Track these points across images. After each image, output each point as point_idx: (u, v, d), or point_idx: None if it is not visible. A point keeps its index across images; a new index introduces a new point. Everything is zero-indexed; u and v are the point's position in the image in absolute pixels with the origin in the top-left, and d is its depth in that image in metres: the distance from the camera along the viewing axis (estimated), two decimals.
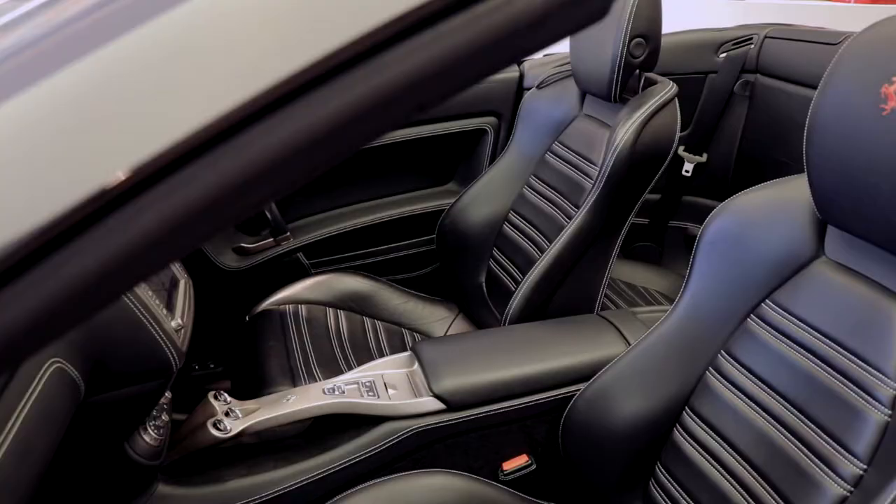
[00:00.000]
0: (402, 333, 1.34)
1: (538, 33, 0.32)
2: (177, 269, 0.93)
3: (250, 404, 0.95)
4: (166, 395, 0.93)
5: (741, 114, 1.43)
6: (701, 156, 1.46)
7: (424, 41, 0.29)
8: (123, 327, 0.73)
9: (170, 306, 0.84)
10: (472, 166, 1.48)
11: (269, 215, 1.07)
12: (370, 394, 0.94)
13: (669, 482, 0.86)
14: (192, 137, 0.27)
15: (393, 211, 1.46)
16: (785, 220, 0.81)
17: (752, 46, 1.39)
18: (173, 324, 0.80)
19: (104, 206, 0.27)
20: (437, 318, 1.38)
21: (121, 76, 0.28)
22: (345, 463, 0.90)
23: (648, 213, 1.56)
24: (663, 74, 1.22)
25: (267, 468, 0.91)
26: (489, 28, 0.30)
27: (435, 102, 0.34)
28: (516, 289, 1.10)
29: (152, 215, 0.28)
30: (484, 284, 1.33)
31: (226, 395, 0.96)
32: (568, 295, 1.12)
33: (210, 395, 0.95)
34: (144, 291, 0.77)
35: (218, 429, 0.90)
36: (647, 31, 1.09)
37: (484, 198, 1.33)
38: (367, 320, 1.34)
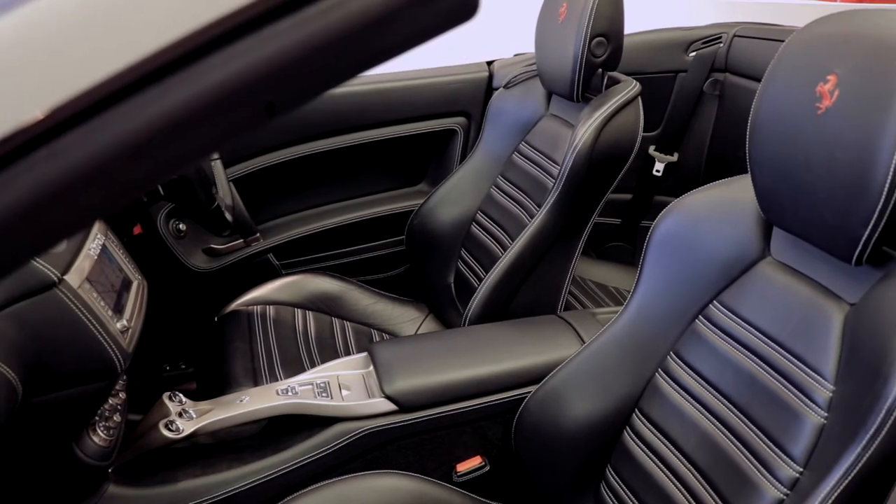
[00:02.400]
0: (371, 334, 1.34)
1: (385, 35, 0.32)
2: (130, 270, 0.93)
3: (204, 405, 0.95)
4: (120, 395, 0.93)
5: (711, 113, 1.42)
6: (672, 155, 1.45)
7: (251, 43, 0.29)
8: (64, 328, 0.73)
9: (118, 308, 0.84)
10: (443, 167, 1.48)
11: (228, 216, 1.07)
12: (323, 395, 0.94)
13: (619, 485, 0.85)
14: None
15: (364, 211, 1.46)
16: (732, 220, 0.80)
17: (722, 45, 1.39)
18: (119, 325, 0.81)
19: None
20: (406, 319, 1.37)
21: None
22: (297, 463, 0.90)
23: (620, 214, 1.56)
24: (633, 73, 1.21)
25: (221, 468, 0.91)
26: (324, 29, 0.30)
27: (287, 104, 0.34)
28: (467, 290, 1.10)
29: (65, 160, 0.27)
30: (453, 285, 1.33)
31: (181, 395, 0.96)
32: (530, 295, 1.12)
33: (165, 396, 0.95)
34: (89, 293, 0.77)
35: (170, 429, 0.90)
36: (609, 30, 1.09)
37: (452, 198, 1.33)
38: (336, 321, 1.34)
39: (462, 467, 0.95)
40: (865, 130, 0.60)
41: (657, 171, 1.45)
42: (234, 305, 1.32)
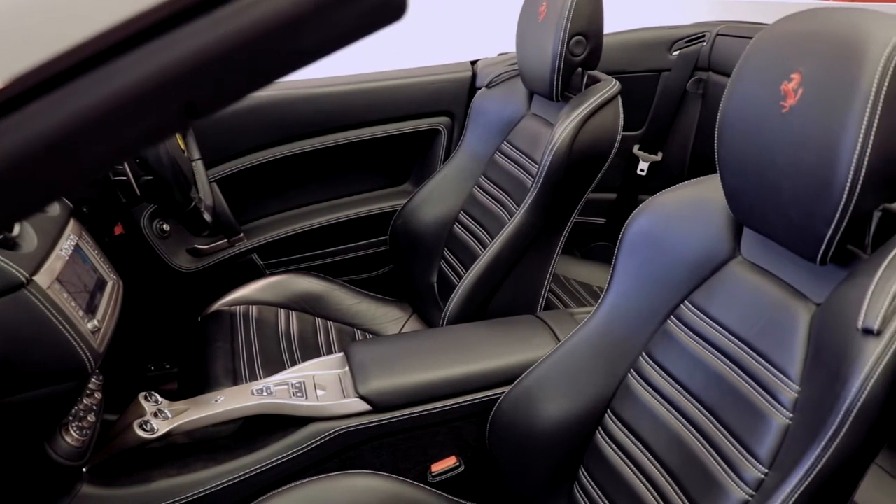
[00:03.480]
0: (354, 334, 1.34)
1: (302, 37, 0.32)
2: (105, 270, 0.93)
3: (180, 405, 0.95)
4: (96, 395, 0.93)
5: (695, 112, 1.41)
6: (656, 154, 1.45)
7: (163, 44, 0.29)
8: (33, 329, 0.73)
9: (91, 308, 0.84)
10: (427, 166, 1.48)
11: (207, 216, 1.07)
12: (298, 395, 0.94)
13: (591, 485, 0.85)
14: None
15: (348, 211, 1.46)
16: (703, 219, 0.80)
17: (705, 44, 1.38)
18: (90, 325, 0.81)
19: None
20: (390, 319, 1.37)
21: None
22: (271, 463, 0.90)
23: (605, 213, 1.55)
24: (616, 73, 1.21)
25: (196, 468, 0.91)
26: (236, 31, 0.30)
27: (209, 105, 0.34)
28: (449, 289, 1.10)
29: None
30: (436, 284, 1.33)
31: (157, 395, 0.96)
32: (509, 295, 1.11)
33: (140, 396, 0.95)
34: (59, 294, 0.77)
35: (144, 429, 0.90)
36: (587, 29, 1.09)
37: (435, 198, 1.32)
38: (319, 321, 1.34)
39: (437, 467, 0.95)
40: (828, 129, 0.60)
41: (641, 170, 1.44)
42: (218, 305, 1.32)
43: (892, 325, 0.56)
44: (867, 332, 0.57)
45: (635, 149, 1.45)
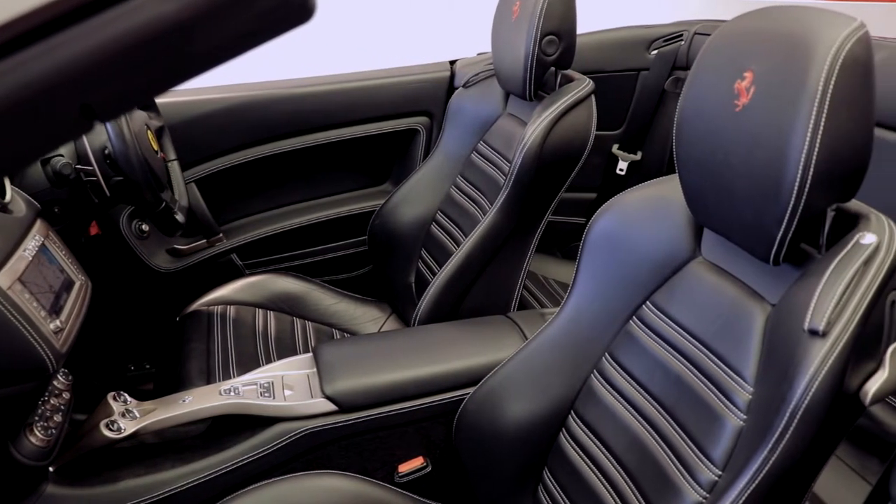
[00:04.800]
0: (332, 334, 1.34)
1: (197, 40, 0.32)
2: (73, 271, 0.94)
3: (148, 405, 0.95)
4: (64, 395, 0.93)
5: (674, 111, 1.39)
6: (635, 154, 1.44)
7: (49, 46, 0.29)
8: None
9: (55, 308, 0.84)
10: (406, 166, 1.48)
11: (180, 217, 1.08)
12: (266, 395, 0.94)
13: (554, 486, 0.85)
14: None
15: (328, 211, 1.46)
16: (665, 219, 0.80)
17: (683, 43, 1.37)
18: (52, 326, 0.81)
19: None
20: (368, 319, 1.37)
21: None
22: (237, 463, 0.90)
23: (585, 213, 1.55)
24: (594, 72, 1.21)
25: (164, 468, 0.91)
26: (123, 33, 0.30)
27: (108, 108, 0.34)
28: (425, 290, 1.10)
29: None
30: (413, 284, 1.33)
31: (126, 395, 0.96)
32: (481, 295, 1.11)
33: (109, 396, 0.95)
34: (20, 294, 0.78)
35: (111, 429, 0.90)
36: (560, 28, 1.08)
37: (413, 198, 1.32)
38: (297, 321, 1.34)
39: (404, 468, 0.95)
40: (778, 128, 0.59)
41: (621, 169, 1.44)
42: (196, 305, 1.33)
43: (838, 326, 0.56)
44: (813, 333, 0.57)
45: (614, 148, 1.45)
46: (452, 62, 1.44)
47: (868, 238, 0.60)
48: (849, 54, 0.56)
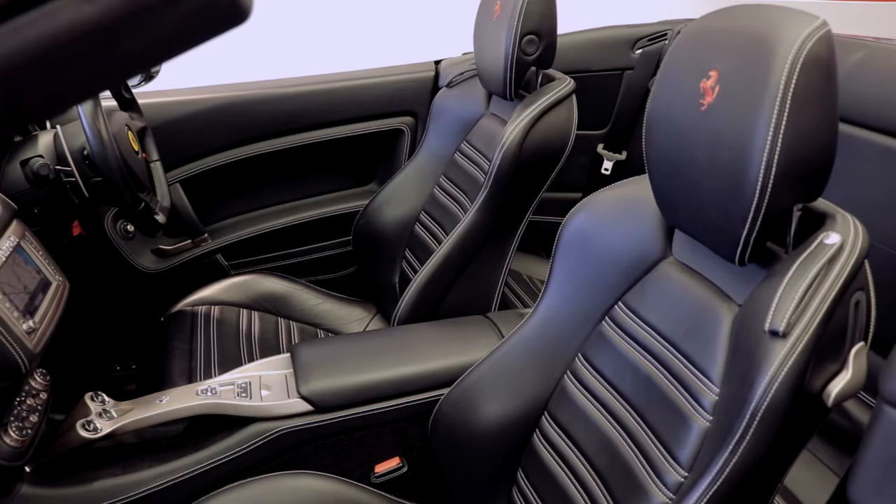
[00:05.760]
0: (317, 334, 1.34)
1: (123, 42, 0.32)
2: (49, 271, 0.94)
3: (125, 405, 0.96)
4: (41, 396, 0.93)
5: None
6: (620, 154, 1.43)
7: None
8: None
9: (29, 308, 0.84)
10: (392, 166, 1.48)
11: (161, 217, 1.08)
12: (243, 395, 0.94)
13: (528, 487, 0.84)
14: None
15: (314, 212, 1.46)
16: (637, 218, 0.79)
17: (667, 42, 1.37)
18: (25, 326, 0.81)
19: None
20: (353, 319, 1.37)
21: None
22: (213, 463, 0.90)
23: None
24: (579, 71, 1.20)
25: (141, 468, 0.91)
26: (43, 35, 0.30)
27: (38, 109, 0.34)
28: (405, 290, 1.10)
29: None
30: (397, 284, 1.33)
31: (104, 395, 0.96)
32: (461, 295, 1.11)
33: (87, 396, 0.95)
34: None
35: (87, 429, 0.90)
36: (539, 27, 1.08)
37: (396, 198, 1.32)
38: (282, 321, 1.34)
39: (380, 468, 0.95)
40: (742, 127, 0.59)
41: (606, 169, 1.43)
42: (180, 305, 1.33)
43: (799, 327, 0.55)
44: (773, 334, 0.56)
45: (600, 148, 1.44)
46: (437, 62, 1.44)
47: (832, 238, 0.59)
48: (810, 53, 0.55)
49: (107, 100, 1.19)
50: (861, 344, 0.59)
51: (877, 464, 0.48)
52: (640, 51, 1.38)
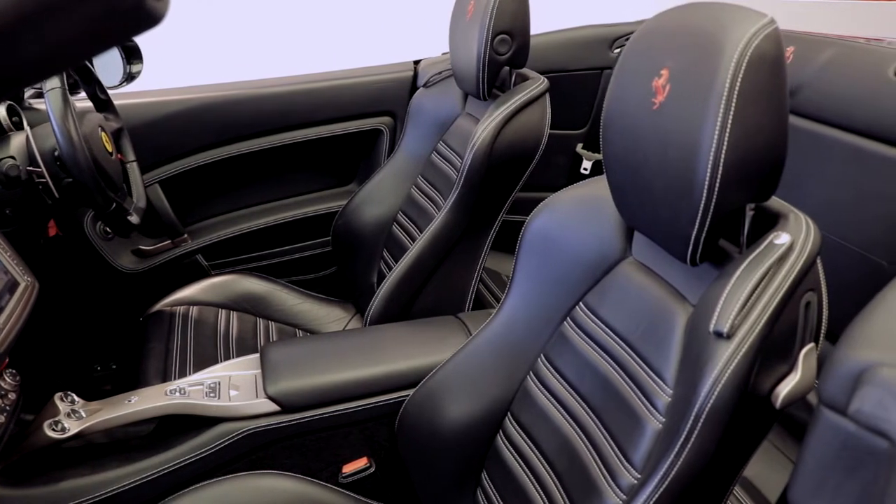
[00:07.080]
0: (296, 334, 1.34)
1: (24, 46, 0.31)
2: (17, 272, 0.94)
3: (94, 405, 0.96)
4: (9, 396, 0.94)
5: None
6: (599, 153, 1.43)
7: None
8: None
9: None
10: (371, 167, 1.47)
11: (135, 218, 1.08)
12: (211, 395, 0.94)
13: (491, 488, 0.84)
14: None
15: (294, 212, 1.46)
16: (598, 218, 0.79)
17: None
18: None
19: None
20: (332, 319, 1.37)
21: None
22: (180, 463, 0.91)
23: None
24: (557, 71, 1.20)
25: (109, 468, 0.91)
26: None
27: None
28: (376, 290, 1.10)
29: None
30: (376, 284, 1.32)
31: (73, 395, 0.97)
32: (434, 295, 1.11)
33: (56, 396, 0.95)
34: None
35: (54, 429, 0.91)
36: (512, 27, 1.07)
37: (374, 198, 1.32)
38: (261, 321, 1.34)
39: (348, 468, 0.95)
40: (690, 126, 0.58)
41: (585, 169, 1.43)
42: (159, 306, 1.33)
43: (744, 328, 0.55)
44: (718, 335, 0.56)
45: (579, 147, 1.44)
46: (417, 62, 1.43)
47: (782, 238, 0.59)
48: (756, 51, 0.55)
49: (81, 101, 1.19)
50: (811, 345, 0.59)
51: (814, 466, 0.48)
52: (618, 50, 1.38)
